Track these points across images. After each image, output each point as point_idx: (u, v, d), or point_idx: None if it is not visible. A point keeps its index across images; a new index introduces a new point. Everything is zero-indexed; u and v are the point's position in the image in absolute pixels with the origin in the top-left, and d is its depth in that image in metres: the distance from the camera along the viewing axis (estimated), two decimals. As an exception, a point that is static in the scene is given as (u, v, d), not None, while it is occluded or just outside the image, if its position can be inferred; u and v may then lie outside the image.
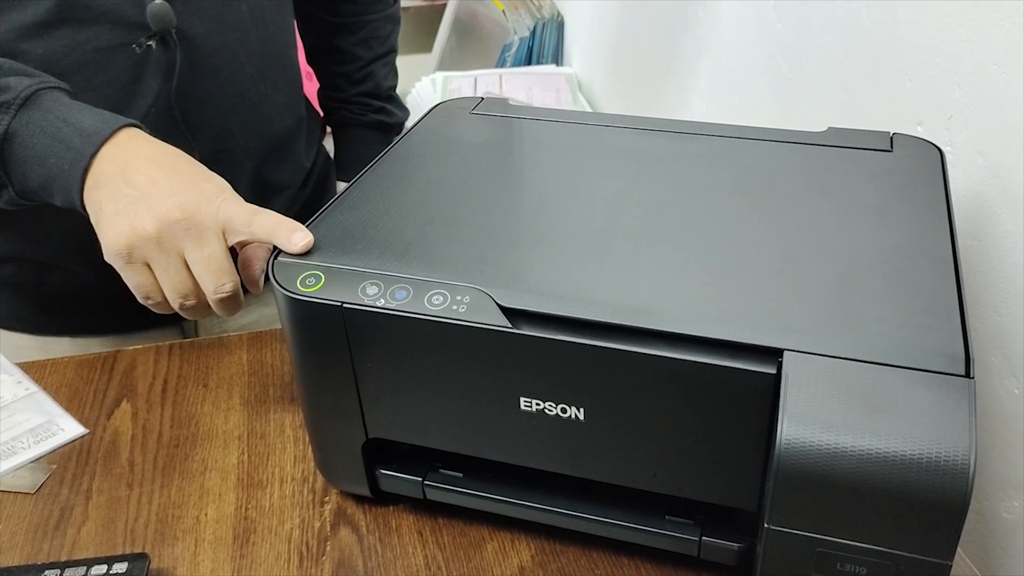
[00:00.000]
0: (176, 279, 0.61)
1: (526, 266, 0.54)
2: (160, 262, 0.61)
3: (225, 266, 0.61)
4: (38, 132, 0.63)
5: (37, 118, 0.63)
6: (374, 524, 0.63)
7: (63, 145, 0.62)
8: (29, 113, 0.63)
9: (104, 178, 0.62)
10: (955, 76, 0.73)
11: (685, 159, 0.66)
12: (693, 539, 0.55)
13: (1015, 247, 0.67)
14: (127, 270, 0.62)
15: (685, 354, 0.47)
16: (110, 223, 0.61)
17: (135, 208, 0.60)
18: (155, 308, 0.64)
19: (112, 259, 0.62)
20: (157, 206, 0.59)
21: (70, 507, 0.64)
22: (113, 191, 0.61)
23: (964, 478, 0.41)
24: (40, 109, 0.63)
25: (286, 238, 0.57)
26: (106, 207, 0.61)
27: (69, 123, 0.63)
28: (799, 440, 0.43)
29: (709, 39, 1.24)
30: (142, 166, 0.62)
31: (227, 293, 0.61)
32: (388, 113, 1.09)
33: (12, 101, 0.63)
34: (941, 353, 0.46)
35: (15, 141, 0.63)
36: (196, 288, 0.62)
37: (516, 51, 2.10)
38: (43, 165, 0.63)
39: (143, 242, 0.60)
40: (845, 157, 0.66)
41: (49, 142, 0.63)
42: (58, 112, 0.63)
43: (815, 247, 0.55)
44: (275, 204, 0.93)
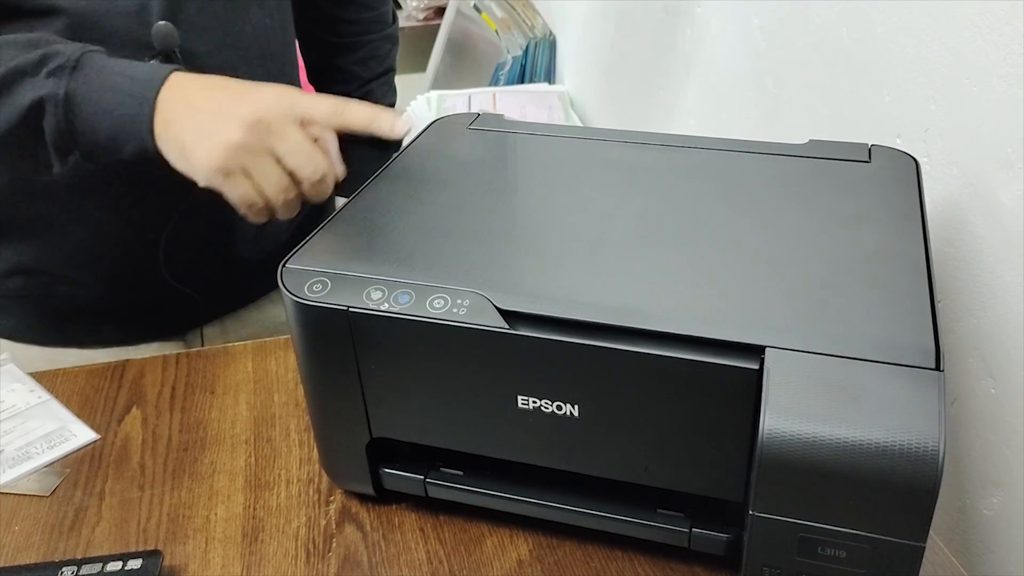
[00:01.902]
0: (273, 176, 0.65)
1: (522, 271, 0.57)
2: (255, 164, 0.64)
3: (314, 151, 0.65)
4: (98, 88, 0.65)
5: (92, 76, 0.66)
6: (378, 521, 0.65)
7: (125, 95, 0.65)
8: (84, 73, 0.66)
9: (173, 115, 0.65)
10: (930, 90, 0.76)
11: (673, 170, 0.70)
12: (683, 531, 0.58)
13: (990, 253, 0.70)
14: (227, 185, 0.65)
15: (674, 352, 0.50)
16: (196, 149, 0.64)
17: (214, 127, 0.63)
18: (255, 216, 0.68)
19: (211, 179, 0.65)
20: (233, 117, 0.63)
21: (84, 508, 0.67)
22: (186, 123, 0.65)
23: (934, 464, 0.44)
24: (93, 68, 0.66)
25: (389, 126, 0.62)
26: (187, 138, 0.65)
27: (125, 75, 0.66)
28: (781, 431, 0.46)
29: (697, 57, 1.28)
30: (204, 94, 0.65)
31: (322, 174, 0.66)
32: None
33: (65, 64, 0.65)
34: (913, 348, 0.48)
35: (77, 100, 0.66)
36: (292, 180, 0.66)
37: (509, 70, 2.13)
38: (110, 117, 0.66)
39: (234, 152, 0.64)
40: (825, 168, 0.69)
41: (111, 95, 0.65)
42: (111, 67, 0.66)
43: (796, 252, 0.58)
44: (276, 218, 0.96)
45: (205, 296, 0.93)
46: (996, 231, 0.69)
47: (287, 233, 0.98)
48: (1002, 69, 0.67)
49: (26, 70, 0.66)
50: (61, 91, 0.65)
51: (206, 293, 0.93)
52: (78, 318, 0.89)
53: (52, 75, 0.65)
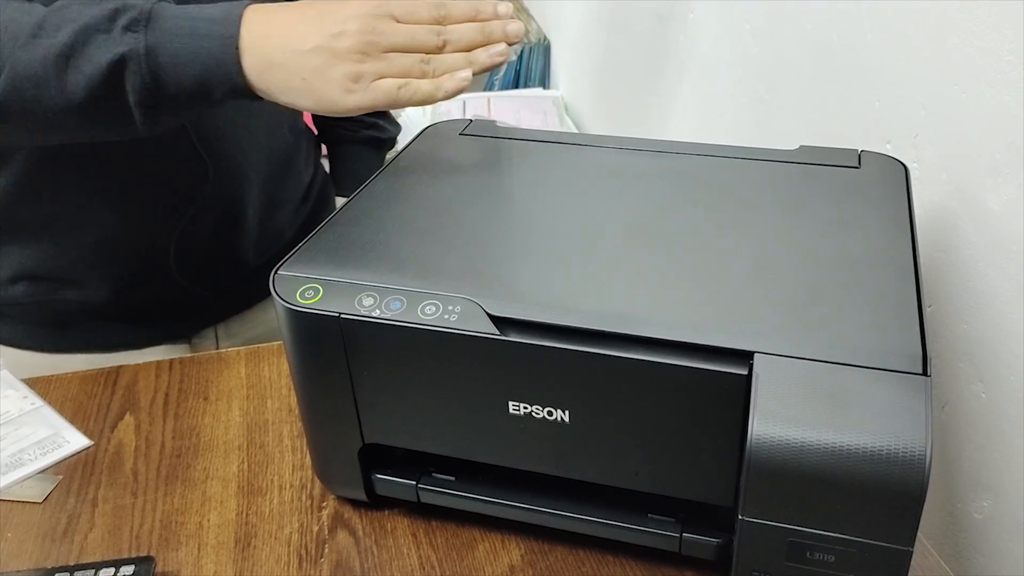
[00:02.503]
0: (403, 62, 0.64)
1: (514, 277, 0.58)
2: (380, 69, 0.63)
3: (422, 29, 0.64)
4: (178, 36, 0.63)
5: (169, 25, 0.64)
6: (370, 527, 0.65)
7: (207, 38, 0.63)
8: (160, 23, 0.63)
9: (264, 53, 0.63)
10: (920, 97, 0.77)
11: (664, 176, 0.70)
12: (674, 535, 0.58)
13: (979, 259, 0.71)
14: (367, 96, 0.64)
15: (663, 357, 0.50)
16: (316, 89, 0.63)
17: (320, 30, 0.63)
18: (412, 97, 0.65)
19: (350, 107, 0.64)
20: (332, 44, 0.63)
21: (77, 515, 0.67)
22: (287, 62, 0.63)
23: (921, 469, 0.44)
24: (168, 17, 0.64)
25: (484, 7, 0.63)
26: (294, 81, 0.63)
27: (202, 18, 0.64)
28: (769, 436, 0.46)
29: (690, 63, 1.28)
30: (286, 25, 0.64)
31: (443, 40, 0.64)
32: (381, 129, 1.12)
33: (139, 17, 0.63)
34: (900, 354, 0.49)
35: (159, 52, 0.63)
36: (430, 34, 0.64)
37: (504, 74, 2.14)
38: (196, 63, 0.63)
39: (354, 73, 0.63)
40: (815, 173, 0.69)
41: (192, 41, 0.63)
42: (185, 13, 0.64)
43: (785, 257, 0.58)
44: (280, 218, 0.96)
45: (212, 297, 0.94)
46: (985, 236, 0.70)
47: (291, 231, 0.98)
48: (990, 76, 0.68)
49: (99, 27, 0.63)
50: (141, 45, 0.63)
51: (214, 294, 0.93)
52: (84, 323, 0.89)
53: (128, 30, 0.63)
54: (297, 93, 0.64)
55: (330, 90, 0.64)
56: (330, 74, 0.63)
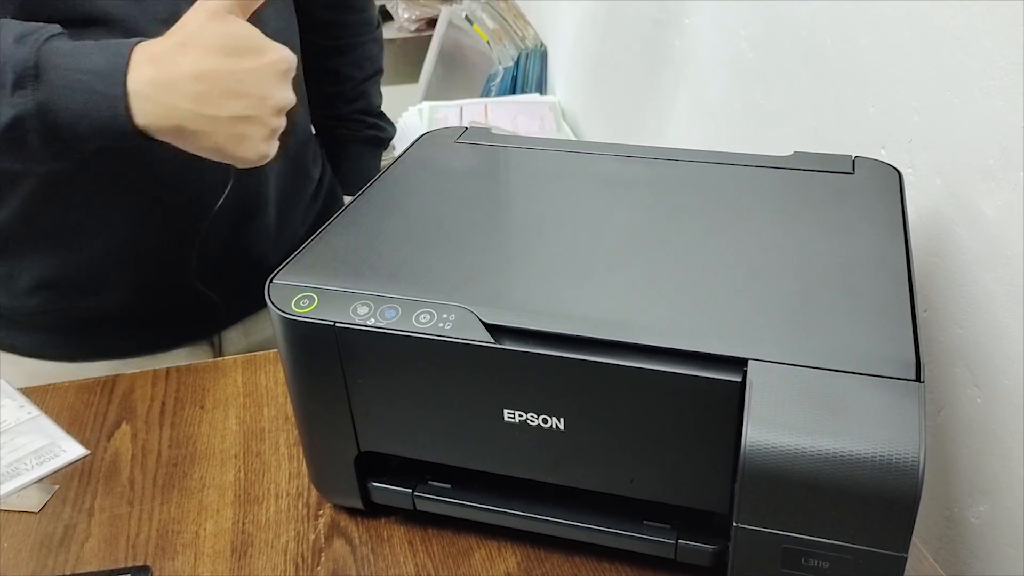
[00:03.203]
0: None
1: (508, 285, 0.58)
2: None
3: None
4: (66, 92, 0.62)
5: (56, 80, 0.62)
6: (367, 535, 0.65)
7: (94, 94, 0.62)
8: (47, 76, 0.62)
9: (175, 117, 0.63)
10: (914, 102, 0.77)
11: (658, 183, 0.70)
12: (670, 542, 0.58)
13: (974, 263, 0.71)
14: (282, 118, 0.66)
15: (658, 365, 0.51)
16: (246, 134, 0.64)
17: (246, 95, 0.63)
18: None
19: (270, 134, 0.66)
20: (257, 77, 0.64)
21: (73, 524, 0.67)
22: (201, 116, 0.63)
23: (914, 475, 0.44)
24: (53, 68, 0.62)
25: None
26: (215, 130, 0.63)
27: (85, 70, 0.62)
28: (763, 442, 0.46)
29: (686, 68, 1.28)
30: (190, 77, 0.63)
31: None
32: (380, 128, 1.15)
33: (26, 74, 0.62)
34: (894, 360, 0.49)
35: (49, 110, 0.62)
36: None
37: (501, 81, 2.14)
38: (88, 119, 0.63)
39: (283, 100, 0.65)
40: (809, 179, 0.69)
41: (81, 97, 0.62)
42: (71, 63, 0.63)
43: (779, 264, 0.58)
44: (294, 215, 0.97)
45: (229, 298, 0.94)
46: (980, 241, 0.70)
47: (303, 229, 0.99)
48: (983, 81, 0.68)
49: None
50: (31, 104, 0.62)
51: (230, 295, 0.94)
52: (103, 329, 0.89)
53: (17, 88, 0.62)
54: (209, 152, 0.65)
55: (249, 150, 0.65)
56: (253, 138, 0.64)
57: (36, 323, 0.88)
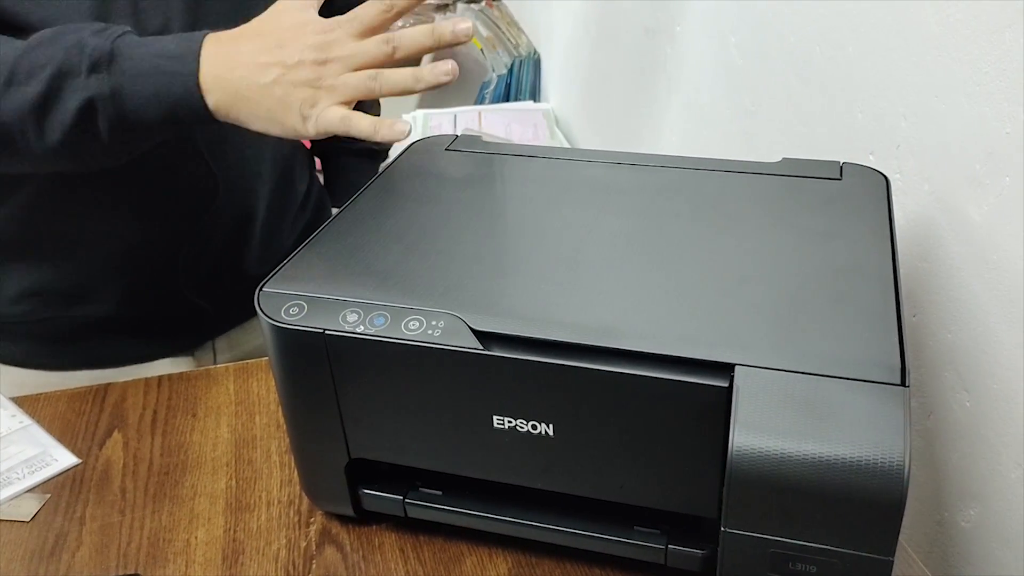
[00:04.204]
0: (357, 52, 0.65)
1: (497, 292, 0.58)
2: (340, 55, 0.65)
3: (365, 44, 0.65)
4: (140, 75, 0.65)
5: (130, 65, 0.65)
6: (358, 542, 0.65)
7: (167, 75, 0.65)
8: (121, 63, 0.65)
9: (232, 84, 0.65)
10: (901, 108, 0.77)
11: (647, 190, 0.70)
12: (660, 547, 0.58)
13: (962, 268, 0.71)
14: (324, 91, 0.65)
15: (646, 371, 0.51)
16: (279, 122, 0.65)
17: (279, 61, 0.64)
18: (354, 127, 0.66)
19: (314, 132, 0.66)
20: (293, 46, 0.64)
21: (64, 534, 0.67)
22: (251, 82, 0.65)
23: (900, 479, 0.45)
24: (129, 56, 0.65)
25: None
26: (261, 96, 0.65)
27: (160, 55, 0.65)
28: (750, 447, 0.47)
29: (678, 75, 1.29)
30: (248, 48, 0.65)
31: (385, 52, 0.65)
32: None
33: (102, 58, 0.64)
34: (879, 364, 0.49)
35: (123, 93, 0.65)
36: (379, 44, 0.66)
37: (494, 88, 2.15)
38: (159, 101, 0.65)
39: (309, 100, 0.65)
40: (797, 186, 0.70)
41: (154, 79, 0.65)
42: (145, 49, 0.66)
43: (766, 269, 0.58)
44: (282, 227, 0.97)
45: (217, 308, 0.94)
46: (967, 246, 0.70)
47: (291, 240, 0.99)
48: (969, 87, 0.68)
49: (67, 71, 0.65)
50: (107, 88, 0.64)
51: (217, 305, 0.94)
52: (89, 338, 0.89)
53: (93, 72, 0.64)
54: (264, 122, 0.66)
55: (292, 118, 0.65)
56: (290, 103, 0.65)
57: (23, 332, 0.88)
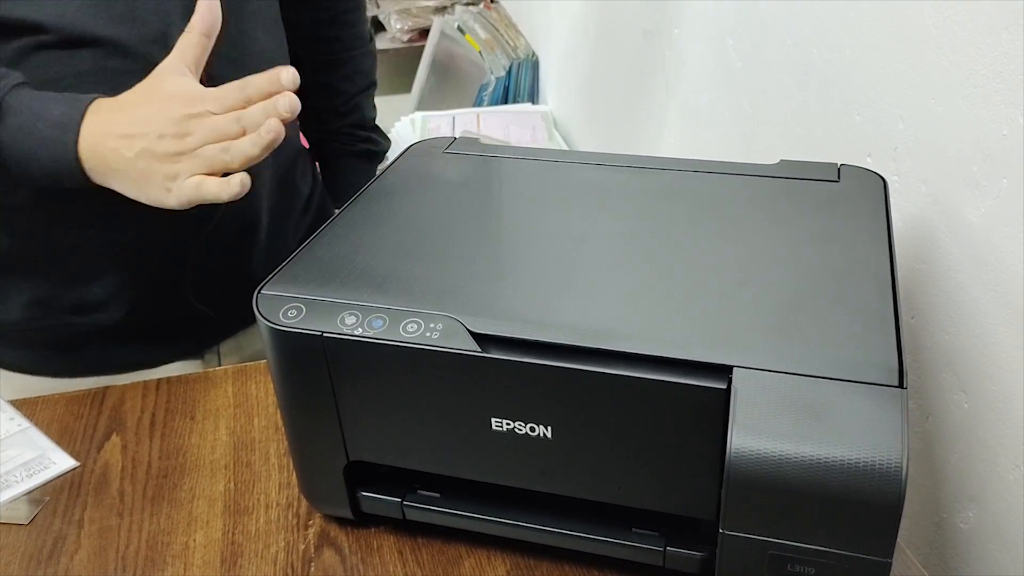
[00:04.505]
0: (212, 128, 0.67)
1: (495, 294, 0.58)
2: (198, 131, 0.67)
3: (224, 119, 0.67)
4: (21, 135, 0.68)
5: (16, 123, 0.68)
6: (356, 545, 0.65)
7: (47, 142, 0.68)
8: (8, 118, 0.68)
9: (105, 155, 0.68)
10: (898, 110, 0.78)
11: (646, 192, 0.70)
12: (658, 549, 0.58)
13: (959, 270, 0.71)
14: (183, 163, 0.67)
15: (644, 373, 0.51)
16: (147, 172, 0.67)
17: (145, 134, 0.67)
18: (208, 192, 0.68)
19: (168, 176, 0.67)
20: (158, 120, 0.67)
21: (63, 537, 0.67)
22: (119, 155, 0.67)
23: (898, 481, 0.45)
24: (15, 112, 0.68)
25: (276, 76, 0.67)
26: (128, 168, 0.68)
27: (44, 117, 0.68)
28: (748, 449, 0.47)
29: (676, 78, 1.29)
30: (124, 118, 0.68)
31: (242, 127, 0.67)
32: (374, 142, 1.14)
33: None
34: (877, 366, 0.49)
35: (3, 149, 0.68)
36: (231, 123, 0.67)
37: (493, 90, 2.15)
38: (39, 162, 0.69)
39: (174, 139, 0.67)
40: (795, 188, 0.70)
41: (34, 142, 0.68)
42: (31, 109, 0.68)
43: (764, 271, 0.59)
44: (285, 230, 0.98)
45: (222, 313, 0.94)
46: (964, 248, 0.70)
47: (295, 243, 0.99)
48: (966, 89, 0.68)
49: None
50: None
51: (223, 310, 0.94)
52: (95, 345, 0.89)
53: None
54: (133, 192, 0.70)
55: (155, 190, 0.68)
56: (152, 176, 0.68)
57: (28, 339, 0.88)
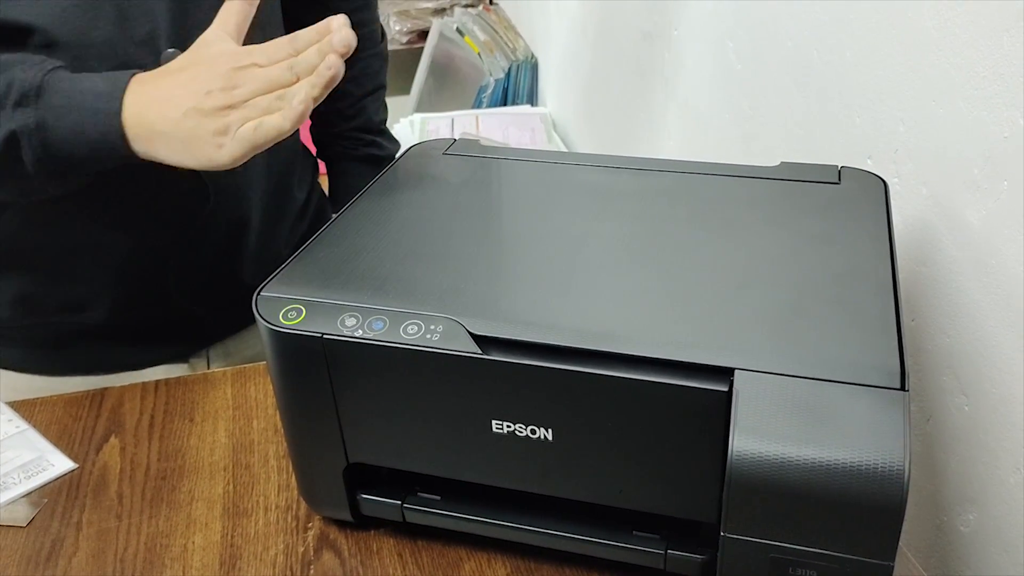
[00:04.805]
0: (263, 78, 0.66)
1: (495, 296, 0.58)
2: (246, 81, 0.66)
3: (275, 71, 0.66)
4: (65, 111, 0.66)
5: (57, 100, 0.66)
6: (356, 548, 0.65)
7: (91, 113, 0.66)
8: (49, 97, 0.66)
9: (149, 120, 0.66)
10: (899, 112, 0.78)
11: (646, 194, 0.70)
12: (659, 552, 0.58)
13: (960, 272, 0.71)
14: (234, 114, 0.66)
15: (645, 375, 0.51)
16: (195, 130, 0.66)
17: (190, 93, 0.65)
18: (267, 134, 0.66)
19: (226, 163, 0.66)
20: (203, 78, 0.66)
21: (61, 539, 0.67)
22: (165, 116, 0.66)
23: (900, 483, 0.45)
24: (57, 90, 0.66)
25: (327, 25, 0.66)
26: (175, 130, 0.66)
27: (87, 92, 0.66)
28: (750, 451, 0.47)
29: (675, 79, 1.29)
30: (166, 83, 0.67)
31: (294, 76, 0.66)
32: (380, 146, 1.13)
33: (30, 92, 0.66)
34: (879, 369, 0.49)
35: (48, 127, 0.66)
36: (284, 71, 0.67)
37: (492, 92, 2.15)
38: (83, 138, 0.67)
39: (221, 92, 0.66)
40: (796, 190, 0.70)
41: (78, 116, 0.66)
42: (74, 86, 0.67)
43: (766, 274, 0.58)
44: (278, 236, 0.97)
45: (211, 316, 0.94)
46: (965, 250, 0.70)
47: (288, 249, 0.99)
48: (966, 91, 0.68)
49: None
50: (32, 121, 0.66)
51: (213, 312, 0.93)
52: (82, 345, 0.89)
53: (20, 105, 0.66)
54: (181, 155, 0.68)
55: (206, 148, 0.66)
56: (202, 133, 0.66)
57: (16, 336, 0.88)
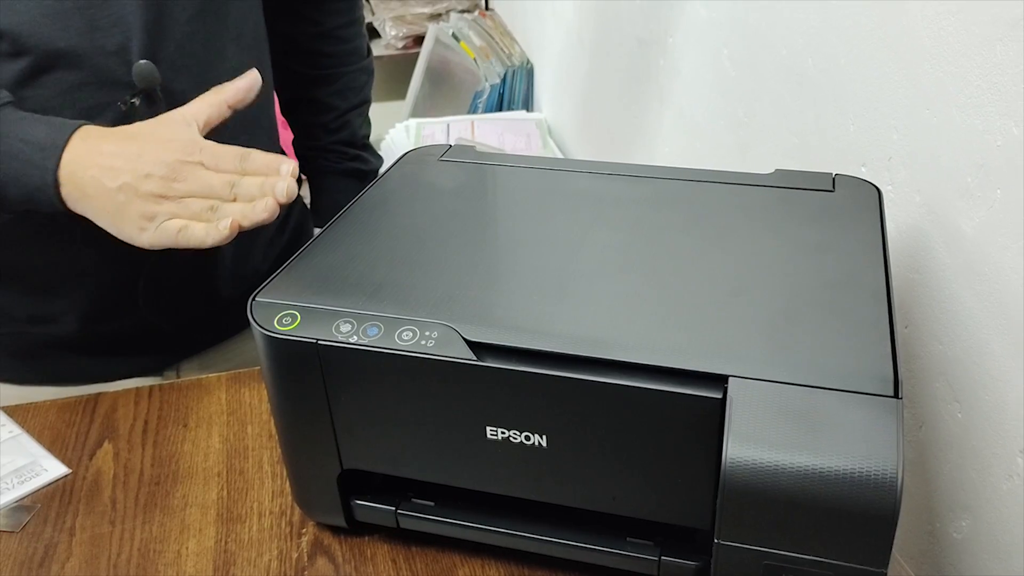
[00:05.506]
0: (204, 182, 0.67)
1: (490, 302, 0.58)
2: (188, 178, 0.67)
3: (221, 177, 0.67)
4: (3, 158, 0.67)
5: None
6: (350, 553, 0.65)
7: (26, 164, 0.67)
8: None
9: (84, 182, 0.67)
10: (892, 120, 0.78)
11: (641, 201, 0.70)
12: (653, 559, 0.58)
13: (953, 279, 0.72)
14: (165, 206, 0.66)
15: (639, 382, 0.51)
16: (120, 229, 0.67)
17: (131, 170, 0.66)
18: (189, 239, 0.67)
19: (150, 244, 0.67)
20: (148, 158, 0.66)
21: (54, 544, 0.66)
22: (99, 184, 0.66)
23: (893, 491, 0.45)
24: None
25: (277, 163, 0.67)
26: (105, 199, 0.67)
27: (28, 140, 0.67)
28: (743, 459, 0.47)
29: (670, 86, 1.29)
30: (109, 150, 0.67)
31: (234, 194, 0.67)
32: (363, 161, 1.12)
33: None
34: (873, 376, 0.49)
35: None
36: (224, 186, 0.67)
37: (487, 98, 2.15)
38: (17, 186, 0.68)
39: (161, 180, 0.66)
40: (790, 197, 0.70)
41: (14, 163, 0.67)
42: (14, 131, 0.67)
43: (760, 281, 0.59)
44: (254, 252, 0.96)
45: (185, 330, 0.93)
46: (958, 258, 0.71)
47: (266, 264, 0.98)
48: (960, 100, 0.69)
49: None
50: None
51: (186, 327, 0.93)
52: (53, 355, 0.89)
53: None
54: (105, 222, 0.69)
55: (128, 226, 0.68)
56: (130, 212, 0.67)
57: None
